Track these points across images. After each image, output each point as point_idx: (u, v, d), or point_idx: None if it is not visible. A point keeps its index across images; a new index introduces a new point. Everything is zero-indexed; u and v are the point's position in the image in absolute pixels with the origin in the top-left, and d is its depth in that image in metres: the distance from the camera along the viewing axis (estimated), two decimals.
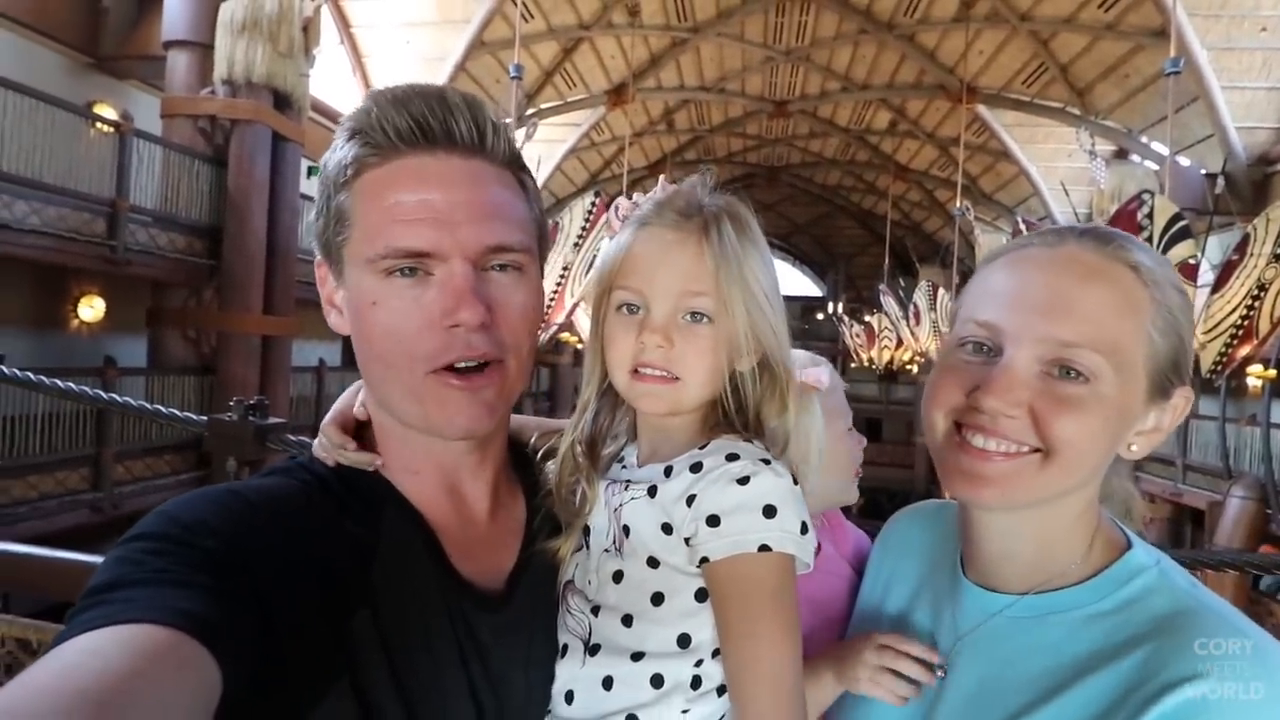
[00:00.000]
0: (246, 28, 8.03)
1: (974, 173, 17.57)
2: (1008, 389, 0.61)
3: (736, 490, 0.63)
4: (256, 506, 0.60)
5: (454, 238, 0.62)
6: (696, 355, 0.67)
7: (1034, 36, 13.24)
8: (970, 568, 0.72)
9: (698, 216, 0.68)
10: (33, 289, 8.29)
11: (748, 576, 0.63)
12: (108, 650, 0.43)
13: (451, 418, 0.65)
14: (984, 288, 0.67)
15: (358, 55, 12.54)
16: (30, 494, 6.70)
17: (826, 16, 14.48)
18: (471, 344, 0.63)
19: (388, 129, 0.63)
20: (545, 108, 15.11)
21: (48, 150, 6.74)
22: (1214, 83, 10.60)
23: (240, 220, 8.45)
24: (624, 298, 0.69)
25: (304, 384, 10.43)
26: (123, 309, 9.11)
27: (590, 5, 13.53)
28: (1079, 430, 0.60)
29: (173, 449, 8.13)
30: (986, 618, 0.68)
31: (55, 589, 1.35)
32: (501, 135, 0.67)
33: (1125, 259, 0.62)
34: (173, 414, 2.02)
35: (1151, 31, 11.34)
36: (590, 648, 0.68)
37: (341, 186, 0.65)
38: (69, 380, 2.14)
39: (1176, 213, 6.28)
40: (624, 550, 0.68)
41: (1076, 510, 0.65)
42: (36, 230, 6.56)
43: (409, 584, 0.64)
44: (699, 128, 19.50)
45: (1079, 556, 0.65)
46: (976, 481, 0.63)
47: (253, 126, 8.44)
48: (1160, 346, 0.61)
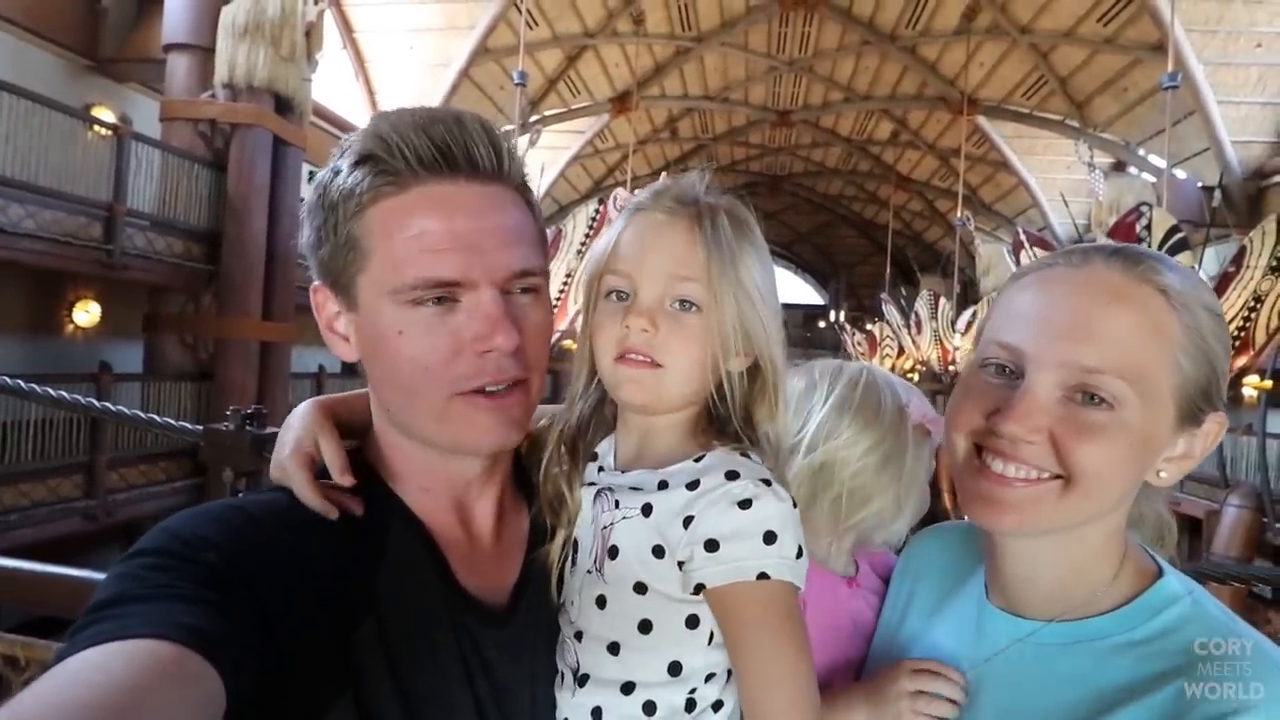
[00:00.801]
0: (248, 31, 8.01)
1: (974, 183, 17.68)
2: (1027, 414, 0.59)
3: (737, 515, 0.61)
4: (259, 521, 0.60)
5: (483, 266, 0.62)
6: (681, 344, 0.64)
7: (1034, 50, 13.37)
8: (994, 592, 0.70)
9: (693, 205, 0.67)
10: (28, 294, 8.22)
11: (746, 605, 0.61)
12: (112, 665, 0.43)
13: (480, 437, 0.65)
14: (1008, 308, 0.65)
15: (360, 60, 12.56)
16: (22, 501, 6.61)
17: (829, 28, 14.60)
18: (503, 368, 0.64)
19: (408, 155, 0.61)
20: (549, 115, 15.18)
21: (44, 153, 6.69)
22: (1210, 97, 10.76)
23: (240, 225, 8.40)
24: (613, 283, 0.68)
25: (303, 390, 10.37)
26: (119, 314, 9.04)
27: (595, 13, 13.60)
28: (1101, 458, 0.58)
29: (168, 456, 8.05)
30: (1010, 643, 0.66)
31: (44, 603, 1.32)
32: (516, 159, 0.67)
33: (1155, 281, 0.59)
34: (168, 423, 1.97)
35: (1149, 46, 11.47)
36: (579, 679, 0.67)
37: (354, 214, 0.63)
38: (63, 386, 2.09)
39: (1174, 225, 6.37)
40: (606, 573, 0.66)
41: (1103, 536, 0.63)
42: (32, 234, 6.51)
43: (414, 598, 0.63)
44: (702, 136, 19.62)
45: (1105, 582, 0.63)
46: (995, 507, 0.61)
47: (253, 131, 8.41)
48: (1189, 373, 0.59)
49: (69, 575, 1.34)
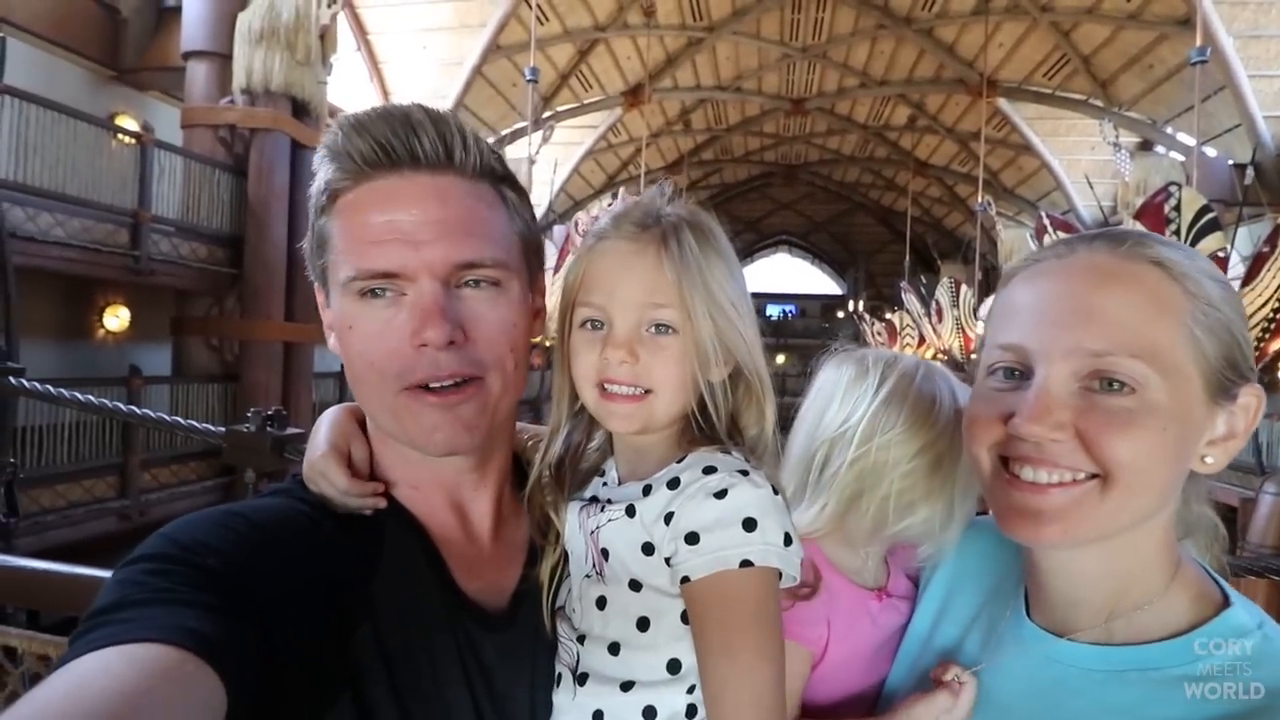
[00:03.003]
0: (264, 37, 8.12)
1: (995, 167, 17.34)
2: (1046, 410, 0.55)
3: (714, 505, 0.61)
4: (257, 525, 0.60)
5: (420, 257, 0.62)
6: (663, 367, 0.65)
7: (1055, 28, 13.05)
8: (1035, 608, 0.65)
9: (655, 227, 0.66)
10: (60, 300, 8.43)
11: (728, 593, 0.60)
12: (113, 669, 0.43)
13: (429, 434, 0.64)
14: (1002, 309, 0.63)
15: (375, 62, 12.64)
16: (59, 502, 6.79)
17: (843, 12, 14.37)
18: (439, 363, 0.63)
19: (353, 153, 0.63)
20: (562, 110, 15.16)
21: (70, 163, 6.84)
22: (1241, 71, 10.42)
23: (260, 228, 8.53)
24: (586, 314, 0.67)
25: (326, 390, 10.51)
26: (147, 318, 9.25)
27: (605, 7, 13.54)
28: (1135, 447, 0.54)
29: (198, 456, 8.20)
30: (1052, 667, 0.61)
31: (77, 605, 1.35)
32: (473, 148, 0.65)
33: (1145, 255, 0.57)
34: (191, 425, 2.01)
35: (1175, 20, 11.15)
36: (578, 677, 0.66)
37: (321, 211, 0.66)
38: (95, 389, 2.15)
39: (1205, 204, 6.19)
40: (605, 575, 0.66)
41: (1152, 544, 0.59)
42: (61, 242, 6.67)
43: (411, 600, 0.64)
44: (716, 127, 19.47)
45: (1156, 594, 0.58)
46: (1035, 519, 0.57)
47: (271, 135, 8.52)
48: (1206, 343, 0.56)
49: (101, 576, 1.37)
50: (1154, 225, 6.05)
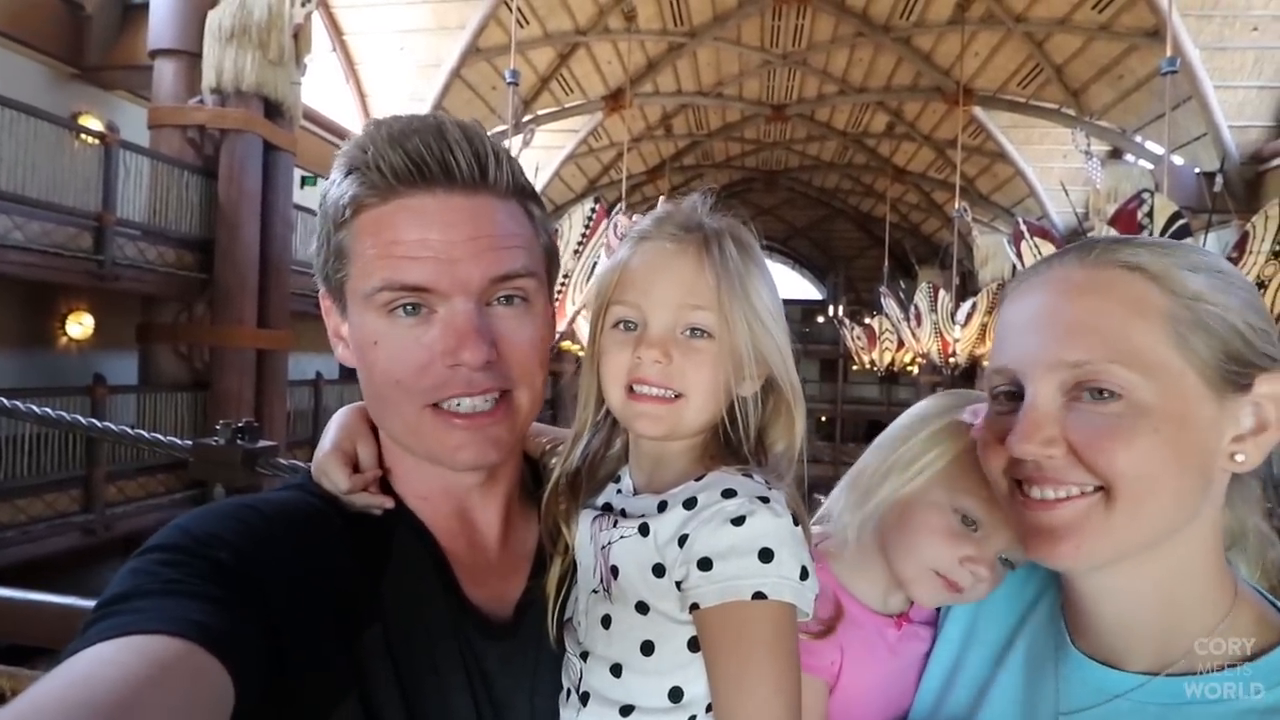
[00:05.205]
0: (235, 35, 7.89)
1: (971, 174, 17.61)
2: (1036, 428, 0.56)
3: (730, 531, 0.59)
4: (270, 520, 0.61)
5: (454, 275, 0.62)
6: (696, 371, 0.64)
7: (1029, 38, 13.30)
8: (1079, 635, 0.62)
9: (698, 231, 0.67)
10: (20, 307, 8.12)
11: (739, 625, 0.59)
12: (120, 660, 0.43)
13: (454, 451, 0.65)
14: (997, 332, 0.65)
15: (351, 63, 12.44)
16: (19, 518, 6.53)
17: (823, 20, 14.51)
18: (474, 381, 0.63)
19: (384, 168, 0.62)
20: (542, 114, 15.08)
21: (30, 163, 6.58)
22: (1207, 82, 10.75)
23: (231, 232, 8.29)
24: (620, 314, 0.67)
25: (301, 398, 10.28)
26: (112, 325, 8.94)
27: (586, 10, 13.50)
28: (1129, 453, 0.53)
29: (166, 469, 7.93)
30: (1103, 700, 0.58)
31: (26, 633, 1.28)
32: (505, 165, 0.65)
33: (1115, 261, 0.57)
34: (156, 439, 1.89)
35: (1145, 32, 11.45)
36: (581, 696, 0.66)
37: (341, 224, 0.64)
38: (57, 399, 2.02)
39: (1176, 211, 6.36)
40: (613, 593, 0.66)
41: (1198, 561, 0.57)
42: (20, 246, 6.41)
43: (418, 604, 0.64)
44: (697, 133, 19.54)
45: (1215, 623, 0.56)
46: (1050, 537, 0.57)
47: (243, 136, 8.30)
48: (1196, 338, 0.55)
49: (56, 603, 1.28)
50: (1127, 231, 6.19)
